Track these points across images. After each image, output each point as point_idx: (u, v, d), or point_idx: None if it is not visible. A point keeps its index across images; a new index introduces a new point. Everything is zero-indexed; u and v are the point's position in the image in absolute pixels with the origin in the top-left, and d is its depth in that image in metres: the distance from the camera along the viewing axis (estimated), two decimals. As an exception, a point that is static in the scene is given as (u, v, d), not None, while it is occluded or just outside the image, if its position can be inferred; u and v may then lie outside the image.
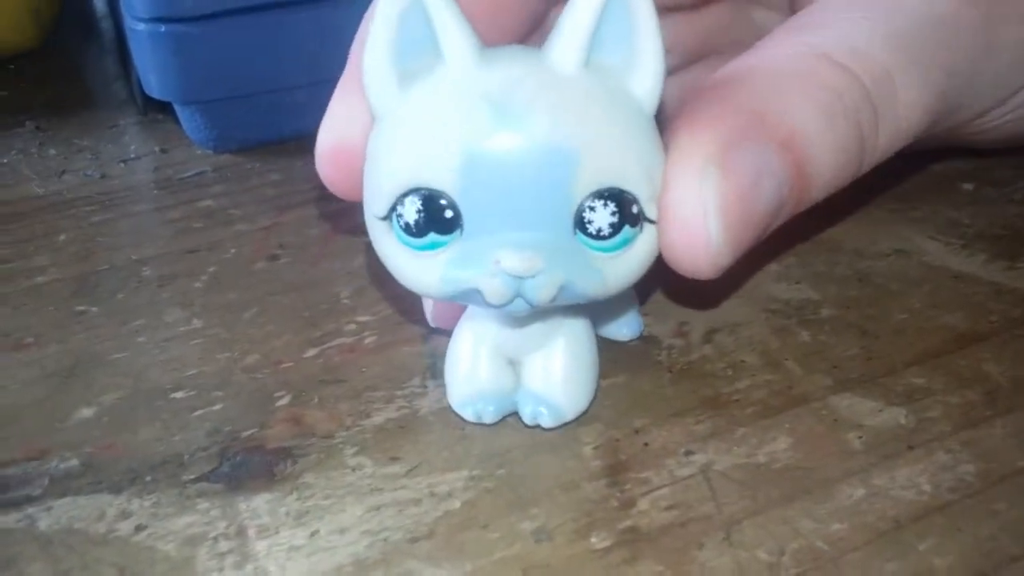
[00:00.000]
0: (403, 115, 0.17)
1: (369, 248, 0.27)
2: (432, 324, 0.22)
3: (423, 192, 0.17)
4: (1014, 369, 0.22)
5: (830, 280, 0.25)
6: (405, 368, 0.22)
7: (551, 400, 0.20)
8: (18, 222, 0.30)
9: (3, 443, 0.21)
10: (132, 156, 0.33)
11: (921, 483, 0.19)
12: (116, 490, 0.19)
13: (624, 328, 0.23)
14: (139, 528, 0.18)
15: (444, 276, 0.17)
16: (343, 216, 0.29)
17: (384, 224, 0.18)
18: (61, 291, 0.26)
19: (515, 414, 0.21)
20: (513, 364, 0.21)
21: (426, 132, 0.17)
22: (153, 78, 0.31)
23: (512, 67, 0.17)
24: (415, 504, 0.19)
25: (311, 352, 0.23)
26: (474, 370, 0.20)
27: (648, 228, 0.18)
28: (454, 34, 0.17)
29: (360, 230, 0.28)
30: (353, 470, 0.20)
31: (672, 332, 0.23)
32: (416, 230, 0.17)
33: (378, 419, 0.21)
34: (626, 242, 0.17)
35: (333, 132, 0.19)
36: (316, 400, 0.22)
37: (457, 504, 0.19)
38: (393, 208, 0.17)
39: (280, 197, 0.30)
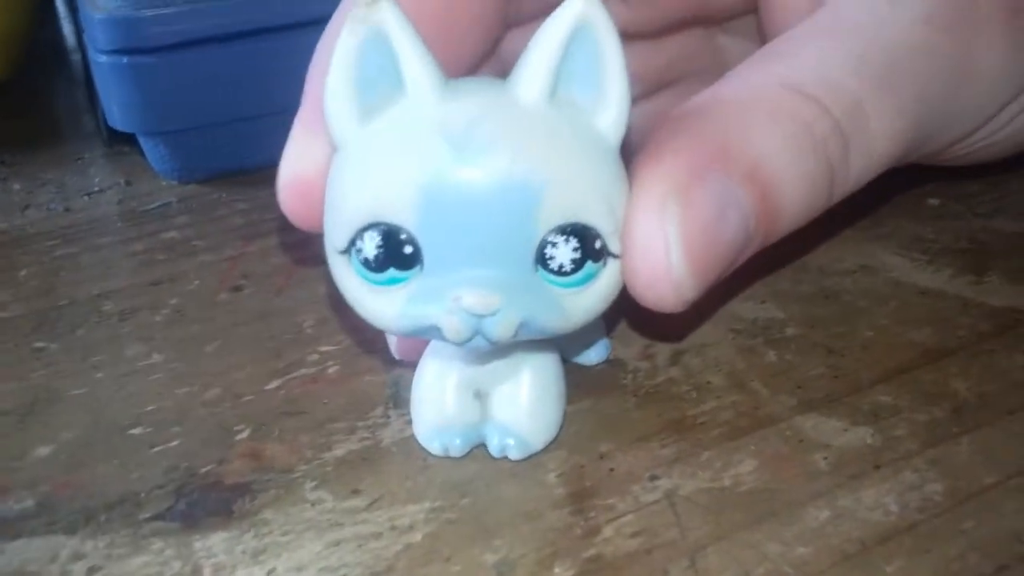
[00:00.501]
0: (364, 148, 0.17)
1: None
2: (397, 357, 0.22)
3: (382, 227, 0.16)
4: (981, 384, 0.22)
5: (796, 298, 0.25)
6: (367, 398, 0.22)
7: (518, 432, 0.20)
8: (-21, 258, 0.29)
9: (-43, 485, 0.20)
10: (96, 189, 0.33)
11: (888, 503, 0.19)
12: (70, 531, 0.19)
13: (592, 353, 0.23)
14: (92, 570, 0.18)
15: (403, 312, 0.17)
16: (307, 245, 0.28)
17: (343, 258, 0.17)
18: (21, 327, 0.26)
19: (482, 445, 0.20)
20: (479, 396, 0.20)
21: (386, 166, 0.16)
22: (116, 110, 0.31)
23: (474, 101, 0.17)
24: (376, 538, 0.18)
25: (273, 384, 0.23)
26: (440, 403, 0.20)
27: (612, 262, 0.17)
28: (416, 65, 0.16)
29: (324, 259, 0.28)
30: (313, 505, 0.19)
31: (638, 355, 0.23)
32: (376, 265, 0.17)
33: (339, 451, 0.21)
34: (589, 277, 0.17)
35: (294, 164, 0.19)
36: (276, 433, 0.21)
37: (419, 537, 0.18)
38: (352, 242, 0.17)
39: (245, 227, 0.30)
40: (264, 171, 0.33)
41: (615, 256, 0.17)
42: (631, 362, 0.23)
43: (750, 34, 0.27)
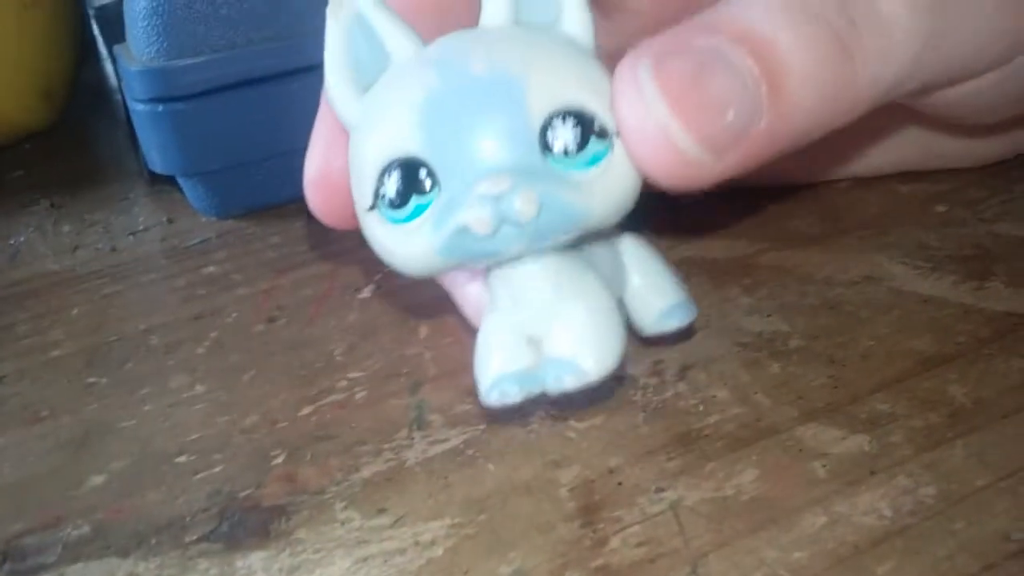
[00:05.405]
0: (366, 108, 0.19)
1: (361, 305, 0.29)
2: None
3: (396, 163, 0.18)
4: (978, 389, 0.23)
5: (800, 311, 0.26)
6: (392, 421, 0.24)
7: (574, 361, 0.19)
8: (35, 298, 0.31)
9: (21, 513, 0.22)
10: (141, 228, 0.35)
11: (882, 508, 0.20)
12: (124, 554, 0.21)
13: (671, 318, 0.23)
14: (144, 589, 0.20)
15: (434, 231, 0.18)
16: (337, 275, 0.30)
17: (374, 215, 0.19)
18: (74, 364, 0.28)
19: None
20: (534, 342, 0.20)
21: (385, 108, 0.18)
22: (155, 154, 0.33)
23: (448, 38, 0.19)
24: (400, 554, 0.20)
25: (306, 410, 0.25)
26: (496, 357, 0.20)
27: (619, 143, 0.18)
28: (395, 33, 0.19)
29: (353, 287, 0.30)
30: (342, 524, 0.21)
31: (647, 371, 0.24)
32: (400, 200, 0.18)
33: (366, 473, 0.22)
34: (598, 157, 0.18)
35: (315, 161, 0.21)
36: (309, 457, 0.23)
37: (440, 552, 0.20)
38: (376, 192, 0.18)
39: (279, 259, 0.32)
40: (295, 204, 0.35)
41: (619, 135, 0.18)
42: (641, 378, 0.24)
43: None
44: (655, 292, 0.22)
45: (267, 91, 0.32)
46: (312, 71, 0.32)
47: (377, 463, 0.22)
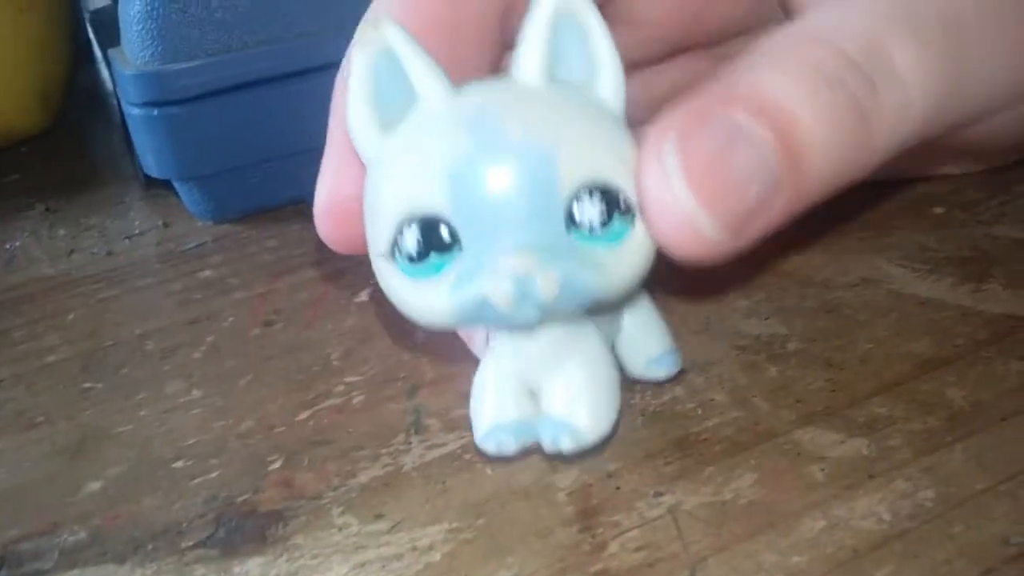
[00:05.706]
0: (390, 153, 0.18)
1: (358, 309, 0.29)
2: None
3: (418, 218, 0.17)
4: (976, 392, 0.23)
5: (799, 313, 0.26)
6: (390, 426, 0.24)
7: (571, 423, 0.20)
8: (30, 303, 0.31)
9: (17, 519, 0.22)
10: (136, 232, 0.35)
11: (880, 512, 0.20)
12: (120, 560, 0.21)
13: (658, 366, 0.23)
14: (140, 596, 0.20)
15: (452, 293, 0.17)
16: (334, 279, 0.30)
17: (389, 264, 0.18)
18: (70, 369, 0.27)
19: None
20: (533, 394, 0.20)
21: (412, 162, 0.18)
22: (150, 158, 0.33)
23: (480, 91, 0.18)
24: (398, 559, 0.20)
25: (303, 415, 0.24)
26: (493, 403, 0.20)
27: (640, 220, 0.18)
28: (424, 72, 0.18)
29: (350, 291, 0.30)
30: (340, 529, 0.21)
31: (645, 375, 0.24)
32: (417, 257, 0.18)
33: (363, 478, 0.22)
34: (620, 234, 0.18)
35: (327, 189, 0.20)
36: (306, 462, 0.23)
37: (437, 557, 0.20)
38: (394, 242, 0.18)
39: (275, 263, 0.32)
40: (291, 207, 0.35)
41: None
42: (639, 383, 0.24)
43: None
44: (647, 339, 0.23)
45: (262, 95, 0.32)
46: (307, 74, 0.32)
47: (375, 468, 0.22)
